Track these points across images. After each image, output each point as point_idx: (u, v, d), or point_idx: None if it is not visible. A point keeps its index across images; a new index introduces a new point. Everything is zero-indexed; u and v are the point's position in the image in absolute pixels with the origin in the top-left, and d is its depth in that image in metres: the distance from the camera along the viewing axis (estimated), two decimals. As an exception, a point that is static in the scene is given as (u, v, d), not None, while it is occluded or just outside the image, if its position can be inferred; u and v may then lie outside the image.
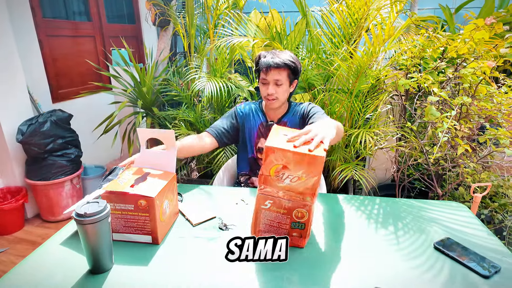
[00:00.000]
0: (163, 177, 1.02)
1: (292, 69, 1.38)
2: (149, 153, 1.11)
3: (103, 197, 0.94)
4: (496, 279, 0.82)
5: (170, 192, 1.02)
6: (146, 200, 0.90)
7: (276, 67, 1.35)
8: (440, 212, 1.15)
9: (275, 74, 1.36)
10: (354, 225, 1.08)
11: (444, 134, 1.39)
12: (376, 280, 0.81)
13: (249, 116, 1.54)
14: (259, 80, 1.44)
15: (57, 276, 0.84)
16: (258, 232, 0.96)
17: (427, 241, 0.98)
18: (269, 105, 1.44)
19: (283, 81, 1.38)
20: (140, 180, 1.00)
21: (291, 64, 1.36)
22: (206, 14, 2.35)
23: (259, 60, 1.41)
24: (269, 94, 1.39)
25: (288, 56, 1.39)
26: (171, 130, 1.05)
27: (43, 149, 2.33)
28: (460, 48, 1.46)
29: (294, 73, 1.41)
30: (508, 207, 1.88)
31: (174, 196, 1.07)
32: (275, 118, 1.52)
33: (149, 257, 0.91)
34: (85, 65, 3.11)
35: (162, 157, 1.09)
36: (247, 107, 1.56)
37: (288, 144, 0.88)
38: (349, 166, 1.76)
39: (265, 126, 1.52)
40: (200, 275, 0.84)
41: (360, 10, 1.71)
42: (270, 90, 1.38)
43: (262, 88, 1.43)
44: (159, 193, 0.93)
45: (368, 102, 1.92)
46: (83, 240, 0.81)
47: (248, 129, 1.54)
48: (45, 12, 2.79)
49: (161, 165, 1.08)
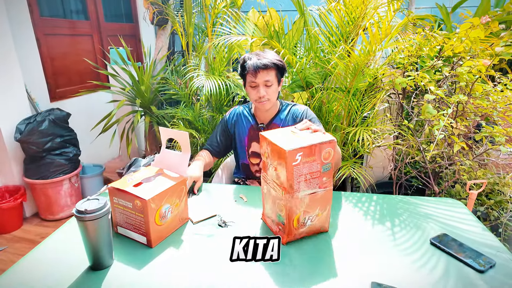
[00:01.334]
0: (171, 180, 1.00)
1: (280, 68, 1.37)
2: (166, 154, 1.10)
3: (109, 190, 0.96)
4: (491, 273, 0.84)
5: (174, 197, 0.99)
6: (141, 201, 0.90)
7: (265, 68, 1.33)
8: (436, 209, 1.17)
9: (264, 75, 1.34)
10: (351, 221, 1.09)
11: (440, 132, 1.41)
12: (373, 275, 0.83)
13: (238, 123, 1.52)
14: (247, 84, 1.40)
15: (57, 273, 0.84)
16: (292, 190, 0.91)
17: (423, 237, 0.99)
18: (261, 107, 1.41)
19: (273, 81, 1.36)
20: (148, 179, 1.00)
21: (279, 63, 1.36)
22: (204, 12, 2.35)
23: (244, 63, 1.37)
24: (261, 96, 1.36)
25: (273, 55, 1.37)
26: (186, 132, 1.04)
27: (41, 148, 2.33)
28: (456, 47, 1.48)
29: (281, 72, 1.40)
30: (504, 204, 1.90)
31: (182, 200, 1.03)
32: (265, 120, 1.49)
33: (150, 254, 0.92)
34: (83, 64, 3.11)
35: (176, 159, 1.07)
36: (235, 114, 1.54)
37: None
38: (347, 164, 1.78)
39: (255, 129, 1.49)
40: (200, 273, 0.85)
41: (357, 9, 1.72)
42: (261, 92, 1.35)
43: (251, 92, 1.39)
44: (156, 196, 0.92)
45: (366, 100, 1.93)
46: (84, 236, 0.82)
47: (239, 135, 1.52)
48: (43, 11, 2.79)
49: (174, 167, 1.06)
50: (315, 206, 0.94)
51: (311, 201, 0.92)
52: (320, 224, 0.98)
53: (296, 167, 0.87)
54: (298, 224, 0.94)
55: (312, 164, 0.88)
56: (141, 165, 1.22)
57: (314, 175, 0.90)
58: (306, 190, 0.91)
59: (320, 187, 0.92)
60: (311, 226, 0.97)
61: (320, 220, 0.96)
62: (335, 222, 1.08)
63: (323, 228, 1.00)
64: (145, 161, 1.24)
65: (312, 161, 0.88)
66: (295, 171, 0.87)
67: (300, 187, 0.90)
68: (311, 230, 0.98)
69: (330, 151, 0.89)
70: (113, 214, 1.00)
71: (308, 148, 0.86)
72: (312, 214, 0.95)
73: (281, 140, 0.91)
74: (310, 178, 0.90)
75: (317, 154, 0.88)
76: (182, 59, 2.91)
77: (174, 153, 1.08)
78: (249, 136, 1.50)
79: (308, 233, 0.98)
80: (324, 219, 0.98)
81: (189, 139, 2.26)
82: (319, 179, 0.91)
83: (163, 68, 2.92)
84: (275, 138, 0.93)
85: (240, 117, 1.53)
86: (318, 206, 0.94)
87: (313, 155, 0.88)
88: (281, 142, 0.90)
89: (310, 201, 0.92)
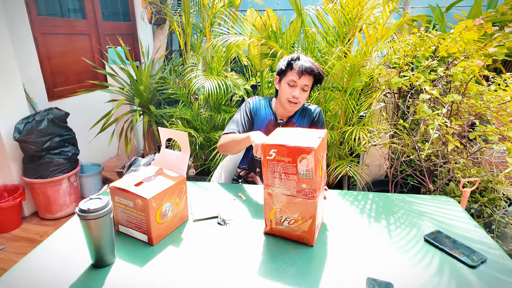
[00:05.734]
0: (171, 180, 1.02)
1: (318, 80, 1.42)
2: (166, 153, 1.12)
3: (110, 190, 0.98)
4: (482, 268, 0.87)
5: (175, 195, 1.01)
6: (142, 200, 0.92)
7: (310, 73, 1.36)
8: (430, 207, 1.19)
9: (306, 79, 1.37)
10: (347, 219, 1.12)
11: (435, 131, 1.44)
12: (368, 272, 0.85)
13: (260, 111, 1.53)
14: (284, 80, 1.41)
15: (60, 271, 0.86)
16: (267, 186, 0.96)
17: (418, 234, 1.02)
18: (290, 107, 1.43)
19: (309, 88, 1.41)
20: (148, 179, 1.02)
21: (321, 75, 1.40)
22: (202, 12, 2.37)
23: (291, 60, 1.39)
24: (295, 96, 1.38)
25: (318, 65, 1.42)
26: (185, 132, 1.05)
27: (40, 147, 2.34)
28: (450, 48, 1.51)
29: (316, 84, 1.44)
30: (497, 202, 1.93)
31: (182, 199, 1.05)
32: (284, 117, 1.52)
33: (151, 252, 0.94)
34: (81, 63, 3.12)
35: (176, 159, 1.09)
36: (259, 102, 1.54)
37: None
38: (343, 162, 1.80)
39: (273, 124, 1.52)
40: (200, 270, 0.87)
41: (353, 10, 1.74)
42: (297, 93, 1.38)
43: (287, 89, 1.40)
44: (157, 195, 0.94)
45: (362, 100, 1.96)
46: (86, 235, 0.84)
47: (257, 124, 1.53)
48: (40, 10, 2.79)
49: (174, 166, 1.08)
50: (293, 210, 0.94)
51: (289, 203, 0.94)
52: (301, 232, 0.96)
53: (270, 162, 0.91)
54: (275, 219, 0.98)
55: (287, 165, 0.89)
56: (141, 165, 1.24)
57: (290, 177, 0.90)
58: (282, 189, 0.93)
59: (298, 192, 0.91)
60: (291, 230, 0.97)
61: (300, 227, 0.96)
62: (332, 220, 1.11)
63: (307, 241, 0.96)
64: (145, 161, 1.25)
65: (288, 162, 0.89)
66: (269, 166, 0.91)
67: (275, 183, 0.93)
68: (291, 234, 0.98)
69: (309, 159, 0.87)
70: (114, 213, 1.01)
71: (282, 147, 0.88)
72: (290, 217, 0.95)
73: (277, 135, 0.97)
74: (285, 178, 0.91)
75: (293, 156, 0.88)
76: (180, 59, 2.92)
77: (174, 152, 1.10)
78: (267, 128, 1.52)
79: (290, 236, 0.98)
80: (307, 230, 0.95)
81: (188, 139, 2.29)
82: (297, 183, 0.90)
83: (162, 67, 2.93)
84: (285, 132, 0.98)
85: (261, 108, 1.54)
86: (298, 212, 0.94)
87: (288, 156, 0.88)
88: (274, 136, 0.95)
89: (288, 203, 0.94)
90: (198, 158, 2.58)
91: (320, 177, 0.93)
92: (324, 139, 0.96)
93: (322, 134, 0.96)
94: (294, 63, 1.38)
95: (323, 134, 0.96)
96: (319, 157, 0.90)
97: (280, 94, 1.45)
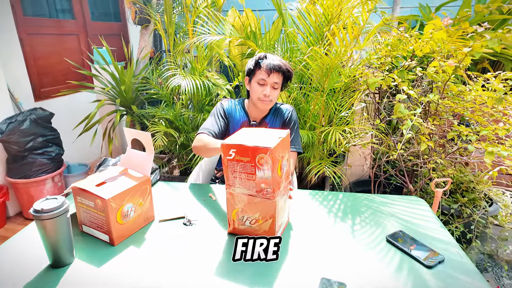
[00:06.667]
0: (134, 180, 1.02)
1: (288, 77, 1.44)
2: (132, 154, 1.11)
3: (73, 190, 0.98)
4: (439, 268, 0.87)
5: (137, 196, 1.01)
6: (101, 201, 0.92)
7: (278, 71, 1.38)
8: (399, 207, 1.19)
9: (275, 77, 1.39)
10: (313, 219, 1.12)
11: (408, 131, 1.44)
12: (325, 272, 0.85)
13: (233, 114, 1.53)
14: (254, 80, 1.42)
15: (18, 271, 0.86)
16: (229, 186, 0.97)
17: (381, 235, 1.02)
18: (262, 106, 1.44)
19: (279, 85, 1.42)
20: (112, 179, 1.02)
21: (289, 72, 1.42)
22: (185, 12, 2.37)
23: (259, 59, 1.41)
24: (266, 95, 1.40)
25: (286, 63, 1.43)
26: (147, 132, 1.05)
27: (23, 147, 2.33)
28: (423, 48, 1.51)
29: (287, 81, 1.46)
30: (477, 202, 1.93)
31: (145, 200, 1.05)
32: (257, 118, 1.53)
33: (112, 252, 0.93)
34: (68, 64, 3.11)
35: (141, 159, 1.09)
36: (231, 104, 1.55)
37: None
38: (322, 162, 1.80)
39: (247, 125, 1.52)
40: (159, 271, 0.87)
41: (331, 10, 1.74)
42: (267, 91, 1.39)
43: (257, 88, 1.41)
44: (117, 196, 0.94)
45: (343, 100, 1.96)
46: (42, 235, 0.84)
47: (232, 126, 1.53)
48: (26, 10, 2.78)
49: (139, 166, 1.08)
50: (254, 210, 0.95)
51: (250, 203, 0.94)
52: (263, 232, 0.96)
53: (230, 162, 0.91)
54: (237, 219, 0.98)
55: (246, 165, 0.89)
56: (110, 165, 1.24)
57: (249, 177, 0.91)
58: (242, 189, 0.93)
59: (258, 192, 0.92)
60: (253, 230, 0.97)
61: (261, 227, 0.96)
62: (297, 219, 1.10)
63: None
64: (114, 161, 1.25)
65: (247, 161, 0.89)
66: (229, 165, 0.92)
67: (235, 183, 0.93)
68: (254, 234, 0.97)
69: (266, 159, 0.87)
70: (77, 213, 1.01)
71: (241, 147, 0.88)
72: (251, 216, 0.96)
73: (239, 135, 0.97)
74: (245, 178, 0.91)
75: (251, 157, 0.88)
76: (164, 59, 2.92)
77: (139, 153, 1.10)
78: None
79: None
80: (268, 230, 0.96)
81: (169, 138, 2.29)
82: (256, 183, 0.91)
83: (144, 67, 2.92)
84: (247, 133, 0.99)
85: (235, 110, 1.54)
86: (258, 212, 0.94)
87: (246, 156, 0.88)
88: (236, 136, 0.96)
89: (249, 203, 0.94)
90: (181, 159, 2.58)
91: (279, 177, 0.93)
92: (284, 139, 0.96)
93: (283, 135, 0.96)
94: (261, 61, 1.39)
95: (284, 135, 0.96)
96: (278, 156, 0.90)
97: (251, 94, 1.46)
